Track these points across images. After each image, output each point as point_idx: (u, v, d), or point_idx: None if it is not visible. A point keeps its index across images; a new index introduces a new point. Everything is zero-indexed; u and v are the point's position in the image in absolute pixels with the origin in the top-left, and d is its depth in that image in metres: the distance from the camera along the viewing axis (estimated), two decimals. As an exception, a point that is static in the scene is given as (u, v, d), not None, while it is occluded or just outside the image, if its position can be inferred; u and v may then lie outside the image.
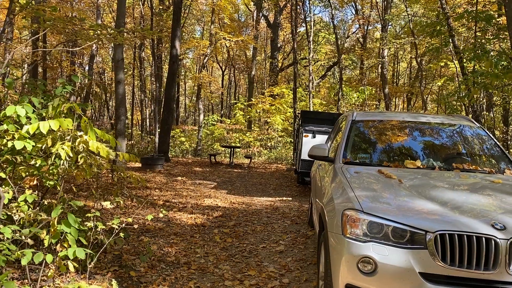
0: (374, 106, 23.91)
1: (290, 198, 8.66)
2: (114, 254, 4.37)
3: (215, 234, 5.41)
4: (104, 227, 3.12)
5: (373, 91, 23.93)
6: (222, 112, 32.24)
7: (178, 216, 6.42)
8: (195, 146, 20.31)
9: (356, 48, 25.37)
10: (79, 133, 3.13)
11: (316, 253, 4.40)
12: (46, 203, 3.20)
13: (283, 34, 28.83)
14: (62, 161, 3.05)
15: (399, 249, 2.41)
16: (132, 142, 22.18)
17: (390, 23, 23.47)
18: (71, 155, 3.05)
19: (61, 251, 3.11)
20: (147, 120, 26.50)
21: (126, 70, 30.66)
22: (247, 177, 11.98)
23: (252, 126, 23.51)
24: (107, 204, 3.19)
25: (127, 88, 32.83)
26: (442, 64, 17.48)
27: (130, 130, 26.66)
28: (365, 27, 24.59)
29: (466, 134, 4.10)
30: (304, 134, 9.54)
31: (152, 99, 23.11)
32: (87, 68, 22.08)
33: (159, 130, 15.82)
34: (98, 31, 6.13)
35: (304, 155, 8.79)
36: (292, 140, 17.28)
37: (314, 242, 5.12)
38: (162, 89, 18.01)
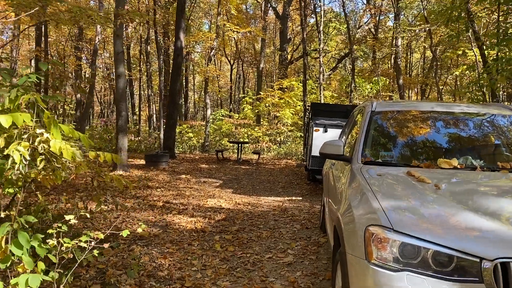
0: (388, 97, 23.03)
1: (300, 198, 8.04)
2: (98, 269, 3.83)
3: (215, 242, 4.83)
4: (71, 245, 2.56)
5: (387, 82, 23.08)
6: (230, 106, 31.63)
7: (177, 219, 5.86)
8: (202, 142, 19.76)
9: (368, 39, 24.52)
10: (39, 131, 2.56)
11: (330, 266, 3.80)
12: (3, 215, 2.64)
13: (293, 26, 28.07)
14: (17, 165, 2.49)
15: (443, 281, 1.80)
16: (140, 138, 21.79)
17: (402, 12, 22.56)
18: (28, 157, 2.48)
19: (22, 274, 2.56)
20: (154, 116, 26.12)
21: (134, 65, 30.28)
22: (254, 174, 11.38)
23: (261, 120, 22.85)
24: (70, 219, 2.63)
25: (135, 84, 32.47)
26: (460, 52, 16.53)
27: (138, 126, 26.29)
28: (377, 17, 23.72)
29: (508, 125, 3.43)
30: (314, 128, 8.81)
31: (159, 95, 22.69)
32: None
33: (164, 125, 15.30)
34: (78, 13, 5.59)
35: (315, 151, 8.11)
36: (302, 135, 16.61)
37: (327, 251, 4.51)
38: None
